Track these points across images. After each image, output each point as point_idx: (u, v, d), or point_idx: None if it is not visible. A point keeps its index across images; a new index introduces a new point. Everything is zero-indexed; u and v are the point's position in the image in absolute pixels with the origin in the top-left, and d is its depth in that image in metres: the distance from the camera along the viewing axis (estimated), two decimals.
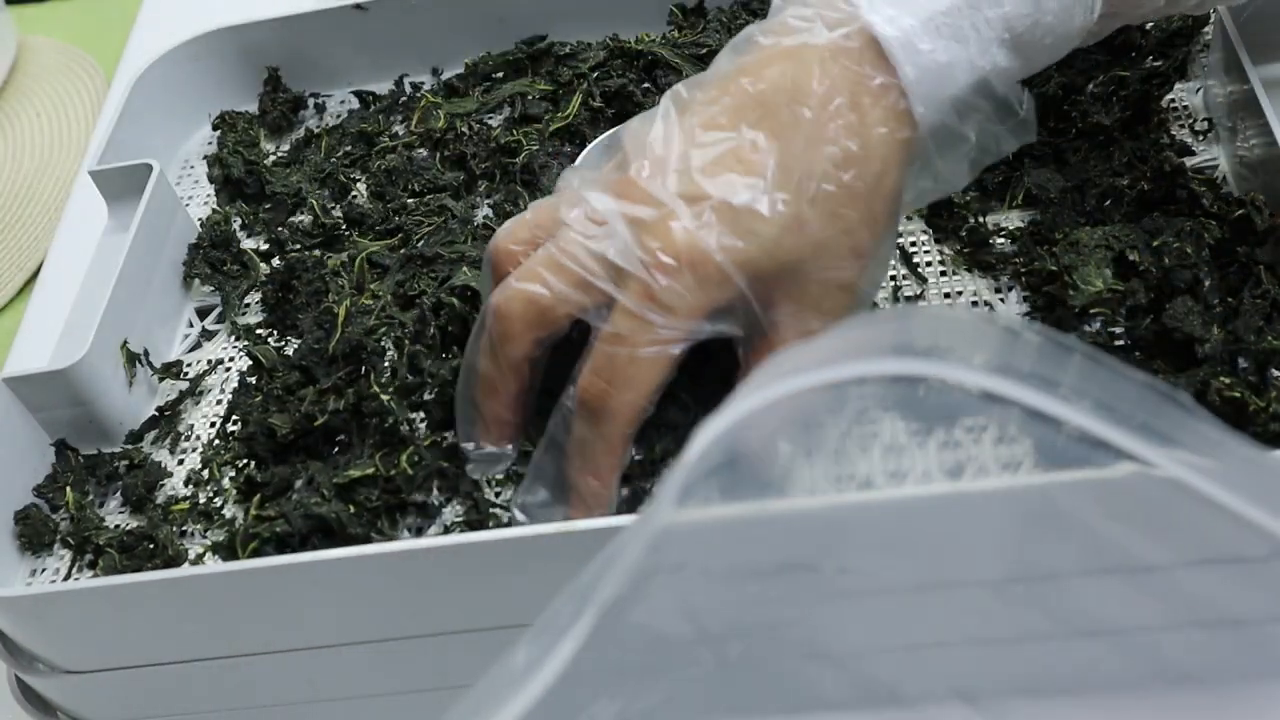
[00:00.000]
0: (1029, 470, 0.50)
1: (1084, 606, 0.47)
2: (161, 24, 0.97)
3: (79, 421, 0.63)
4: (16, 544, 0.61)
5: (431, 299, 0.63)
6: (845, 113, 0.48)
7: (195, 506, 0.60)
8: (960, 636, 0.49)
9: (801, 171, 0.48)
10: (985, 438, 0.53)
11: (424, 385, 0.59)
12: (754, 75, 0.50)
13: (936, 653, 0.50)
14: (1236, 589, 0.45)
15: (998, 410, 0.40)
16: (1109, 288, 0.56)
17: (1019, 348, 0.41)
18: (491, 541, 0.48)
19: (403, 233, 0.69)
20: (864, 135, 0.48)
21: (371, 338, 0.62)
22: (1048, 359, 0.40)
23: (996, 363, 0.40)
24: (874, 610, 0.47)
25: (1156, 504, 0.41)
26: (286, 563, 0.49)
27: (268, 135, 0.81)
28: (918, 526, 0.46)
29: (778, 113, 0.49)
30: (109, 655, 0.53)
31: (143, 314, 0.67)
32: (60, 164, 0.90)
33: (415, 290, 0.65)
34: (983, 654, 0.50)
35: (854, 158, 0.48)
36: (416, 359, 0.60)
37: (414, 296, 0.64)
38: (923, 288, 0.62)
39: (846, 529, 0.45)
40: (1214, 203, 0.59)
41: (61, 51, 1.00)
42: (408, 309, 0.64)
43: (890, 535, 0.46)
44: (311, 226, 0.72)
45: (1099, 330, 0.57)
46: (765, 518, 0.43)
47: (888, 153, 0.49)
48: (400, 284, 0.66)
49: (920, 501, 0.45)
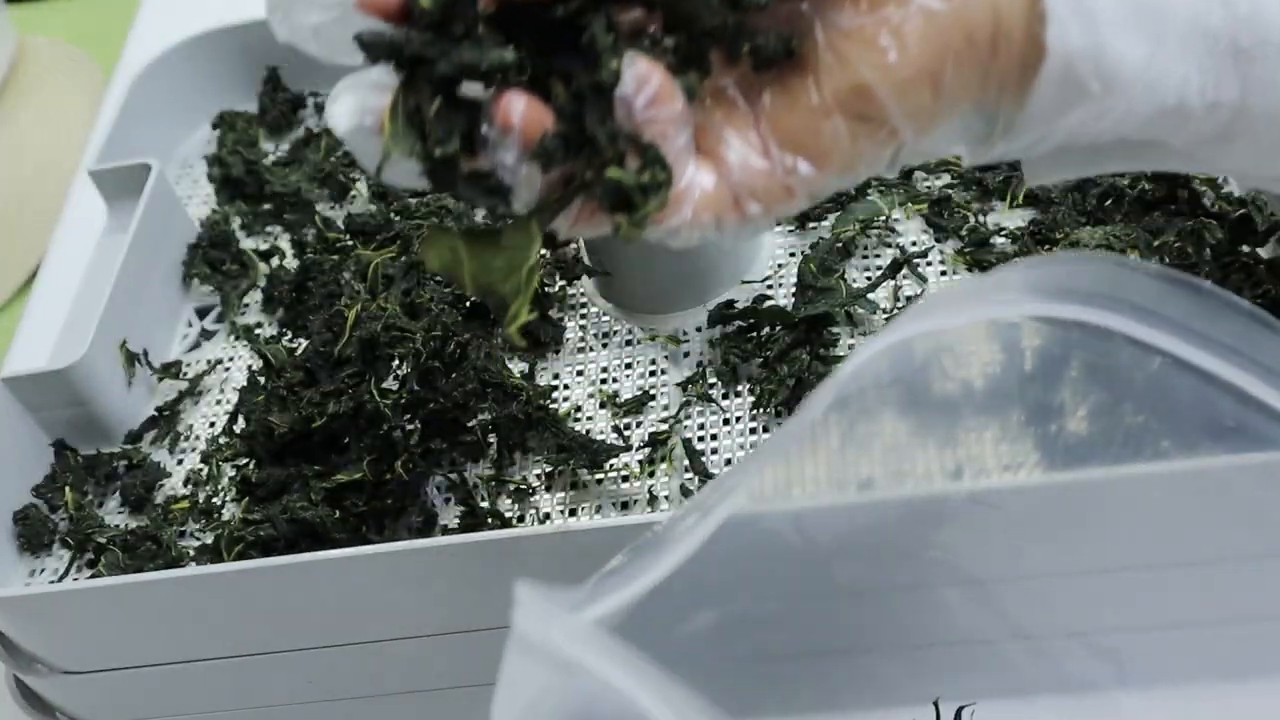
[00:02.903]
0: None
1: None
2: (161, 24, 0.97)
3: (78, 421, 0.63)
4: (15, 544, 0.61)
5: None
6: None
7: (195, 506, 0.60)
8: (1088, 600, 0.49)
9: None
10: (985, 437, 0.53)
11: (431, 401, 0.59)
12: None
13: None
14: None
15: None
16: None
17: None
18: (488, 542, 0.48)
19: (401, 239, 0.69)
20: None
21: (380, 343, 0.62)
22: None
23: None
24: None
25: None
26: (286, 563, 0.49)
27: (267, 135, 0.81)
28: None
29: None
30: (108, 655, 0.53)
31: (142, 314, 0.67)
32: (59, 164, 0.90)
33: (422, 299, 0.65)
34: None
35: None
36: (431, 376, 0.60)
37: (421, 304, 0.64)
38: (923, 287, 0.62)
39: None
40: (1215, 202, 0.59)
41: (61, 51, 1.00)
42: (416, 318, 0.64)
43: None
44: (316, 241, 0.72)
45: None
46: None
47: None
48: (406, 293, 0.66)
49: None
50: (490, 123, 0.35)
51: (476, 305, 0.63)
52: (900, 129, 0.37)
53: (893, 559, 0.48)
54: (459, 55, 0.35)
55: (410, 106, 0.35)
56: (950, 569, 0.48)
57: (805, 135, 0.37)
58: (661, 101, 0.36)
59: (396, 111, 0.35)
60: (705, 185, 0.38)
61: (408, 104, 0.35)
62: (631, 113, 0.36)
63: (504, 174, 0.36)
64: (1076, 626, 0.50)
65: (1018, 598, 0.49)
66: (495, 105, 0.35)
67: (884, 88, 0.37)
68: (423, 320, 0.63)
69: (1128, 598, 0.49)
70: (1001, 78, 0.38)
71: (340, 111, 0.36)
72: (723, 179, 0.38)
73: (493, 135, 0.35)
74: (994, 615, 0.49)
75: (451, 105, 0.35)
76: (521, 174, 0.36)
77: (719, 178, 0.38)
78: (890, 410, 0.55)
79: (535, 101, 0.35)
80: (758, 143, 0.38)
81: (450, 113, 0.35)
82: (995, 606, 0.49)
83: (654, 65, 0.36)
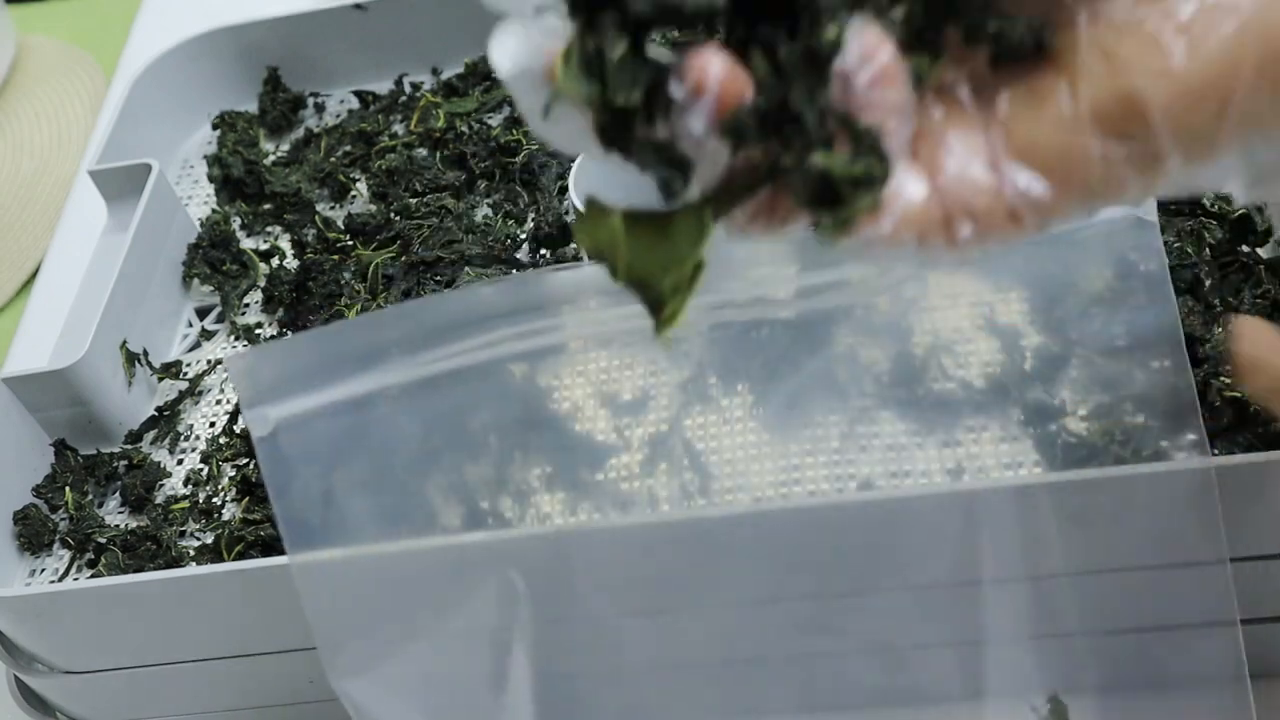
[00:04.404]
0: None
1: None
2: (161, 24, 0.97)
3: (78, 421, 0.63)
4: (15, 544, 0.61)
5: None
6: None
7: (195, 506, 0.60)
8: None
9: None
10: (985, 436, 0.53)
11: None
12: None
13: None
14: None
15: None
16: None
17: None
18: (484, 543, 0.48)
19: (402, 239, 0.69)
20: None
21: None
22: None
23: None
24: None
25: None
26: (286, 563, 0.49)
27: (267, 135, 0.81)
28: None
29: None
30: (108, 655, 0.53)
31: (142, 314, 0.67)
32: (59, 163, 0.90)
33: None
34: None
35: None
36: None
37: None
38: (924, 287, 0.62)
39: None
40: (1214, 202, 0.59)
41: (61, 51, 1.00)
42: None
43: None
44: (316, 240, 0.72)
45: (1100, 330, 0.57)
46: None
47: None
48: (406, 293, 0.66)
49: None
50: (680, 81, 0.30)
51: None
52: (1168, 156, 0.31)
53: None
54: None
55: (590, 50, 0.30)
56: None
57: (1047, 151, 0.31)
58: (888, 81, 0.30)
59: (571, 57, 0.30)
60: (914, 195, 0.31)
61: (586, 48, 0.30)
62: (851, 90, 0.30)
63: (687, 145, 0.30)
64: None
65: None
66: (690, 62, 0.30)
67: (1159, 101, 0.30)
68: None
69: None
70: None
71: (506, 50, 0.31)
72: (936, 191, 0.31)
73: (682, 97, 0.30)
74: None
75: (638, 56, 0.30)
76: (709, 147, 0.30)
77: (932, 189, 0.31)
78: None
79: (736, 65, 0.30)
80: (985, 152, 0.32)
81: (636, 63, 0.30)
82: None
83: (884, 37, 0.30)
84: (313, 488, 0.45)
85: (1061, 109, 0.31)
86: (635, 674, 0.53)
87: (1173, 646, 0.49)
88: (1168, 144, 0.30)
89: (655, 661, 0.53)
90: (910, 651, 0.52)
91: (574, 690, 0.51)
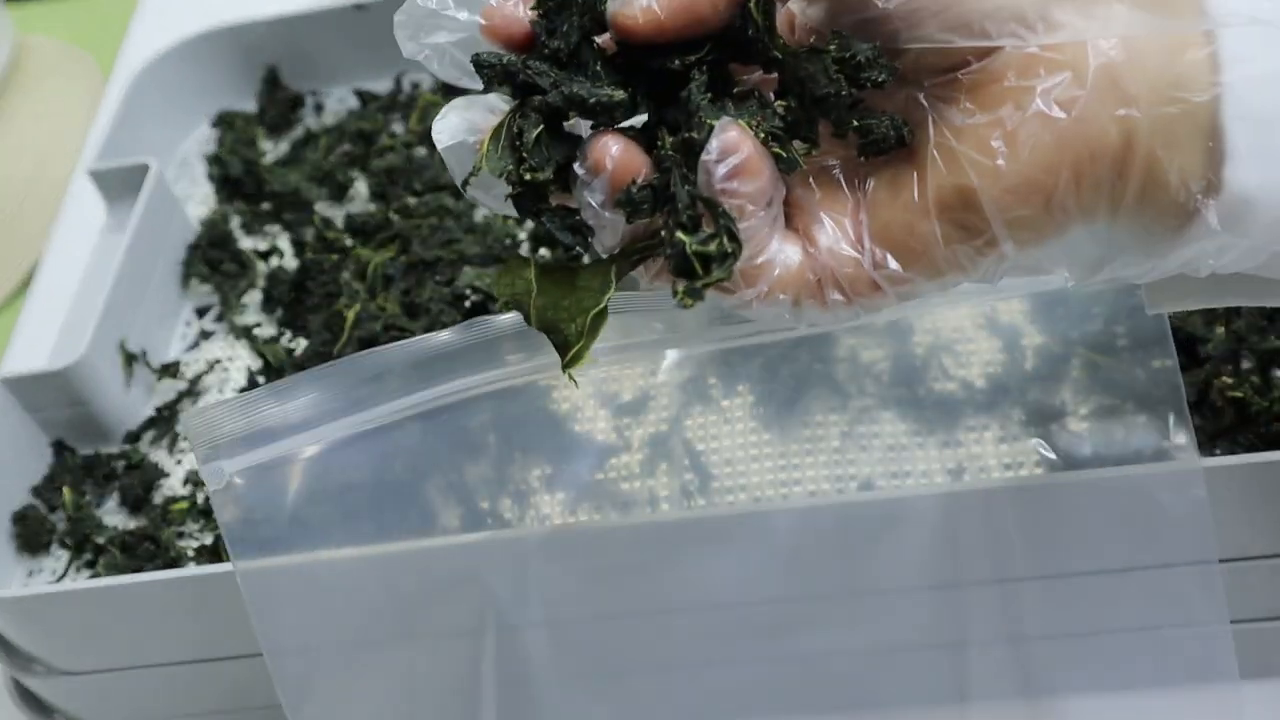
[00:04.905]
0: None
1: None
2: (160, 23, 0.97)
3: (77, 421, 0.63)
4: (14, 544, 0.60)
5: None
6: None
7: (194, 506, 0.60)
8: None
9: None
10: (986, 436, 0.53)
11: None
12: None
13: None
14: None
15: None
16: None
17: None
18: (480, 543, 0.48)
19: (401, 238, 0.69)
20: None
21: (379, 343, 0.61)
22: None
23: None
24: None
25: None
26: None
27: (266, 134, 0.81)
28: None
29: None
30: (107, 656, 0.53)
31: (141, 313, 0.67)
32: (58, 163, 0.89)
33: (421, 298, 0.65)
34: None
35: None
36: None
37: (421, 304, 0.64)
38: None
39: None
40: None
41: (60, 50, 1.00)
42: (415, 318, 0.64)
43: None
44: (315, 240, 0.72)
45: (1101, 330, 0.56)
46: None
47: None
48: (405, 293, 0.66)
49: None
50: (583, 160, 0.35)
51: (475, 306, 0.63)
52: (1001, 242, 0.35)
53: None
54: (570, 87, 0.34)
55: (514, 131, 0.35)
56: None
57: (900, 232, 0.35)
58: (746, 174, 0.34)
59: (500, 134, 0.36)
60: (789, 262, 0.35)
61: (512, 129, 0.35)
62: (711, 180, 0.34)
63: (589, 214, 0.35)
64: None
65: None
66: (592, 143, 0.35)
67: (989, 195, 0.34)
68: (422, 320, 0.63)
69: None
70: (1124, 202, 0.34)
71: (445, 127, 0.37)
72: (809, 259, 0.36)
73: (583, 173, 0.35)
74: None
75: (554, 136, 0.35)
76: (606, 217, 0.35)
77: (805, 257, 0.36)
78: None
79: (632, 146, 0.35)
80: (852, 229, 0.36)
81: (550, 143, 0.35)
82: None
83: (745, 135, 0.34)
84: (270, 534, 0.46)
85: (912, 197, 0.35)
86: (622, 675, 0.53)
87: (1167, 646, 0.49)
88: (1001, 232, 0.34)
89: (643, 663, 0.53)
90: (910, 651, 0.52)
91: (555, 695, 0.51)
